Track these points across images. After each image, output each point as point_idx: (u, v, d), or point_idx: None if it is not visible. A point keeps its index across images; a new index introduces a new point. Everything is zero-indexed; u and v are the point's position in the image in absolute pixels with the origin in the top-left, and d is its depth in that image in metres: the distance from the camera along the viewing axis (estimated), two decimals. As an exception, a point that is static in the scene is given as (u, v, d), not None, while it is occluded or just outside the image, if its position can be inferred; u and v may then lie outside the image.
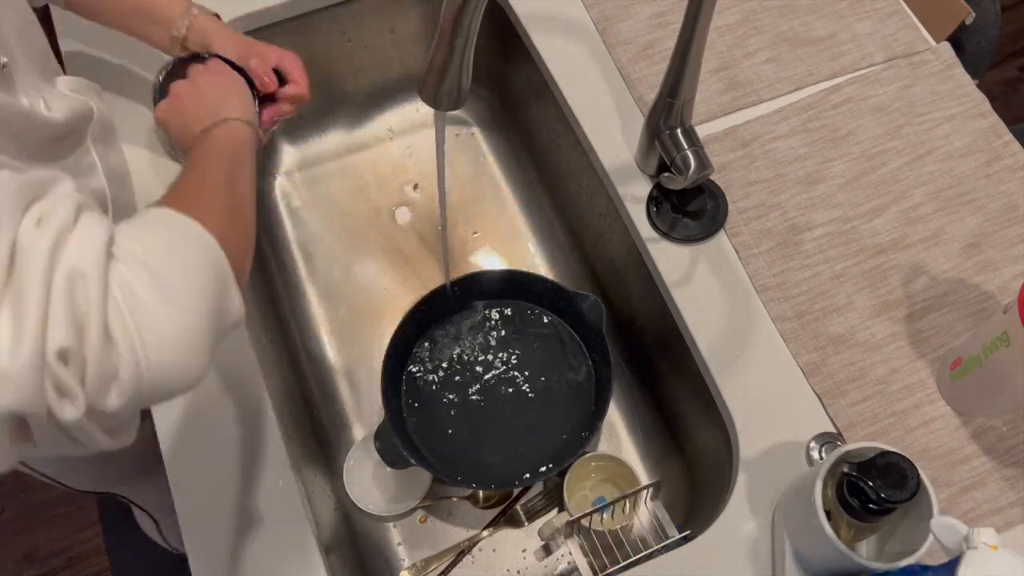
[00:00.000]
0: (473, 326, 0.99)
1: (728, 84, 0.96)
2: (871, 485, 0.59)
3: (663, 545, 0.80)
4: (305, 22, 1.04)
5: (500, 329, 0.99)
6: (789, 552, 0.70)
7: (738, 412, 0.79)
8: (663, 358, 0.94)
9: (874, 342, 0.82)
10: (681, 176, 0.80)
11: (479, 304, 0.99)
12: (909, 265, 0.85)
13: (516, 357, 0.97)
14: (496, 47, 1.09)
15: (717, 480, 0.83)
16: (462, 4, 0.55)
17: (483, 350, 0.98)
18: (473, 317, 0.99)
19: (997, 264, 0.85)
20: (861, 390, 0.80)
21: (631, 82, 0.96)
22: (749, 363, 0.81)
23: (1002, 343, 0.70)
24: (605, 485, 0.93)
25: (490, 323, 0.99)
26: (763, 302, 0.84)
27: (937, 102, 0.94)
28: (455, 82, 0.61)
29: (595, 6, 1.01)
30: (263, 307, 0.98)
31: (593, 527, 0.84)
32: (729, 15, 1.00)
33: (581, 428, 0.92)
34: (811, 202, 0.89)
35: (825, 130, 0.93)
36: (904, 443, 0.78)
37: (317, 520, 0.78)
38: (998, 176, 0.90)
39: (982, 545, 0.53)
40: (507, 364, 0.97)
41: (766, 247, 0.86)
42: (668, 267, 0.86)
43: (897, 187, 0.89)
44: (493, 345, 0.98)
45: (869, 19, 1.00)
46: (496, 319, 0.99)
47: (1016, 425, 0.78)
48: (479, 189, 1.15)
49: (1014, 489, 0.76)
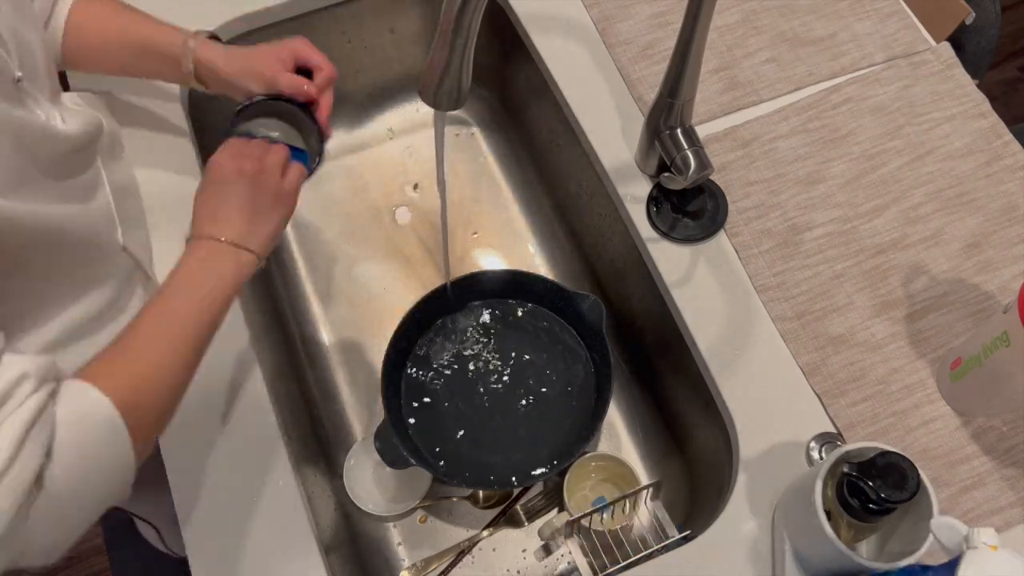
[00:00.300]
0: (473, 326, 0.99)
1: (728, 84, 0.96)
2: (871, 485, 0.59)
3: (663, 545, 0.80)
4: (305, 22, 1.04)
5: (500, 329, 0.99)
6: (789, 552, 0.70)
7: (738, 412, 0.79)
8: (663, 358, 0.94)
9: (874, 342, 0.82)
10: (681, 176, 0.80)
11: (478, 304, 0.99)
12: (909, 265, 0.85)
13: (515, 357, 0.97)
14: (496, 47, 1.09)
15: (717, 480, 0.83)
16: (462, 4, 0.55)
17: (483, 350, 0.98)
18: (473, 317, 0.99)
19: (997, 264, 0.85)
20: (861, 390, 0.80)
21: (631, 82, 0.96)
22: (749, 363, 0.81)
23: (1002, 343, 0.70)
24: (605, 485, 0.93)
25: (489, 323, 0.99)
26: (763, 302, 0.84)
27: (937, 102, 0.94)
28: (455, 82, 0.61)
29: (595, 6, 1.01)
30: (263, 308, 0.98)
31: (593, 527, 0.84)
32: (729, 15, 1.00)
33: (581, 428, 0.92)
34: (811, 202, 0.89)
35: (825, 130, 0.93)
36: (904, 443, 0.78)
37: (317, 520, 0.78)
38: (998, 176, 0.90)
39: (982, 545, 0.53)
40: (507, 364, 0.97)
41: (766, 247, 0.86)
42: (668, 267, 0.86)
43: (897, 187, 0.89)
44: (493, 345, 0.98)
45: (869, 19, 1.00)
46: (496, 319, 0.99)
47: (1016, 425, 0.78)
48: (479, 189, 1.15)
49: (1014, 489, 0.76)
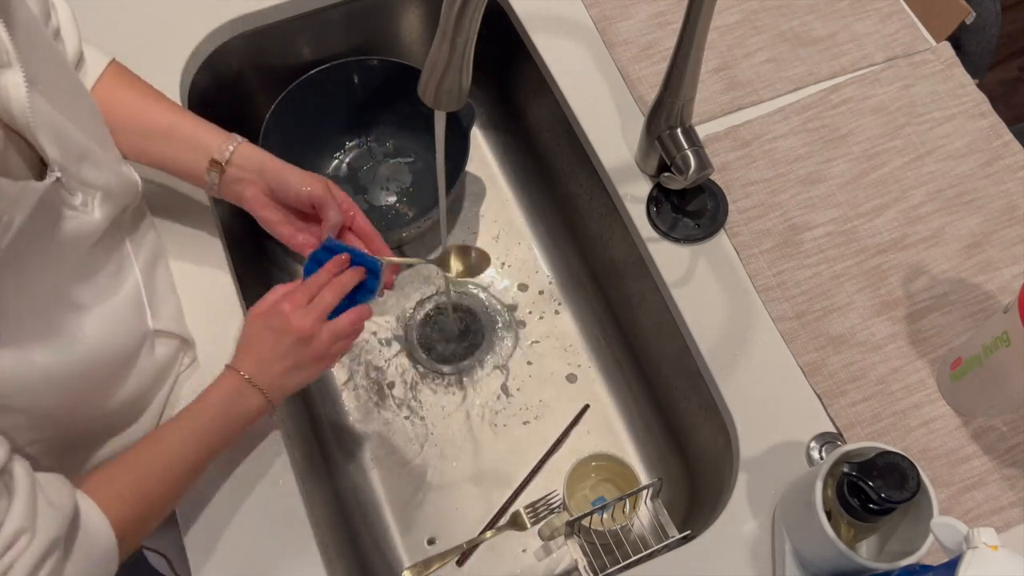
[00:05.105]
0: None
1: (728, 84, 0.96)
2: (871, 485, 0.59)
3: (663, 545, 0.80)
4: (305, 22, 1.04)
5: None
6: (789, 552, 0.70)
7: (738, 412, 0.79)
8: (663, 358, 0.94)
9: (874, 342, 0.82)
10: (681, 176, 0.80)
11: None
12: (909, 265, 0.85)
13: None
14: (496, 47, 1.08)
15: (717, 480, 0.83)
16: (462, 4, 0.55)
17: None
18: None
19: (997, 264, 0.85)
20: (861, 390, 0.80)
21: (631, 82, 0.96)
22: (749, 363, 0.81)
23: (1002, 343, 0.70)
24: (605, 485, 0.93)
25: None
26: (763, 302, 0.84)
27: (937, 102, 0.94)
28: (455, 82, 0.60)
29: (595, 6, 1.01)
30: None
31: (593, 527, 0.84)
32: (729, 15, 1.00)
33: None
34: (811, 202, 0.89)
35: (825, 130, 0.93)
36: (904, 443, 0.78)
37: (317, 520, 0.78)
38: (998, 176, 0.90)
39: (982, 545, 0.53)
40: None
41: (766, 247, 0.86)
42: (668, 267, 0.86)
43: (897, 187, 0.89)
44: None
45: (869, 19, 1.00)
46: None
47: (1016, 425, 0.78)
48: (479, 189, 1.15)
49: (1014, 489, 0.76)
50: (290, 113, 1.02)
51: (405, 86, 1.04)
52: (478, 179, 1.16)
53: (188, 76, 0.95)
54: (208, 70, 0.98)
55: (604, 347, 1.05)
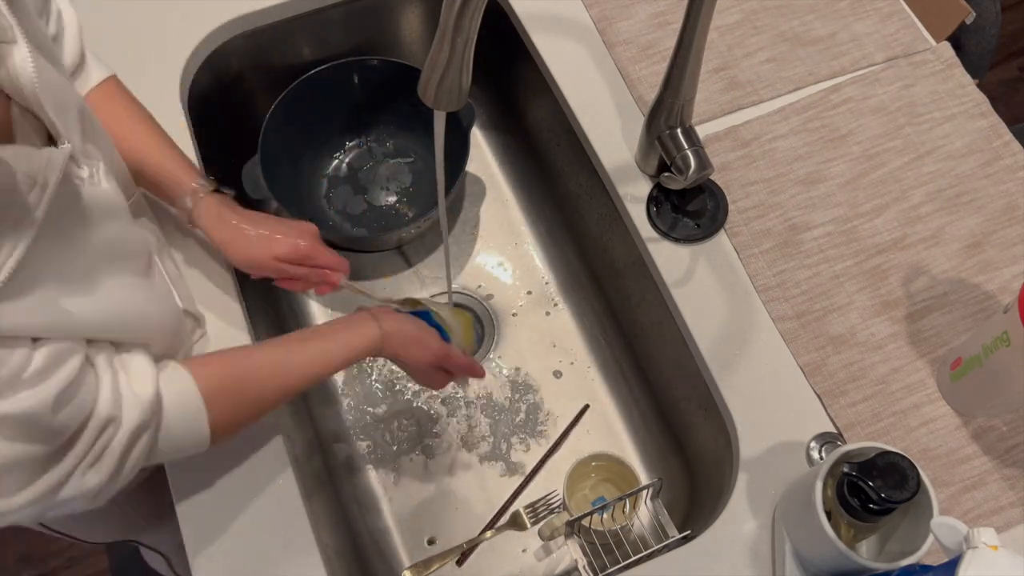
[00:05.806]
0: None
1: (728, 84, 0.96)
2: (871, 485, 0.59)
3: (663, 545, 0.80)
4: (305, 22, 1.04)
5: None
6: (789, 552, 0.70)
7: (738, 412, 0.79)
8: (663, 358, 0.94)
9: (874, 342, 0.82)
10: (681, 176, 0.80)
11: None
12: (909, 265, 0.85)
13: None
14: (496, 47, 1.08)
15: (717, 480, 0.83)
16: (462, 4, 0.55)
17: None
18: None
19: (997, 264, 0.85)
20: (861, 390, 0.80)
21: (631, 82, 0.96)
22: (749, 363, 0.81)
23: (1002, 343, 0.70)
24: (605, 485, 0.93)
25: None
26: (763, 302, 0.84)
27: (937, 102, 0.94)
28: (455, 82, 0.60)
29: (595, 6, 1.01)
30: (263, 308, 0.98)
31: (593, 527, 0.84)
32: (729, 15, 1.00)
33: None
34: (811, 202, 0.89)
35: (825, 130, 0.93)
36: (904, 443, 0.78)
37: (317, 520, 0.78)
38: (998, 176, 0.90)
39: (982, 545, 0.53)
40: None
41: (766, 247, 0.86)
42: (668, 267, 0.86)
43: (897, 187, 0.89)
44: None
45: (869, 19, 1.00)
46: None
47: (1016, 425, 0.78)
48: (479, 189, 1.15)
49: (1014, 489, 0.76)
50: (290, 113, 1.02)
51: (405, 86, 1.04)
52: (478, 179, 1.16)
53: (188, 76, 0.95)
54: (208, 70, 0.98)
55: (604, 347, 1.05)
